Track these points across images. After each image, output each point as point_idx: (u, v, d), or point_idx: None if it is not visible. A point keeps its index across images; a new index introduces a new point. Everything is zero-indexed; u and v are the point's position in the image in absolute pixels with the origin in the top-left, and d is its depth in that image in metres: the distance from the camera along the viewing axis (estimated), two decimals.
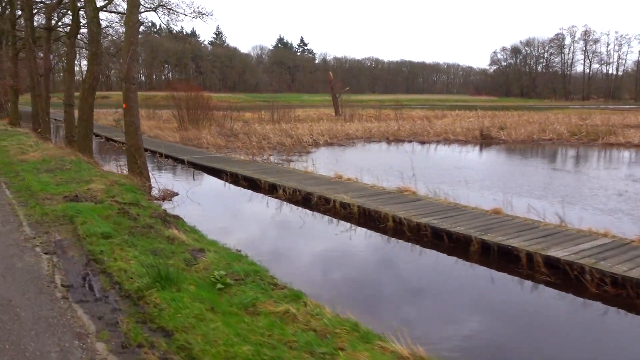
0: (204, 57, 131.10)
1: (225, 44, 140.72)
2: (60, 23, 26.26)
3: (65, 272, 5.53)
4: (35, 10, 25.20)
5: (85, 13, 14.39)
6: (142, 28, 27.58)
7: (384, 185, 11.43)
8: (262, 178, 12.17)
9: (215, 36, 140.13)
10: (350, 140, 24.12)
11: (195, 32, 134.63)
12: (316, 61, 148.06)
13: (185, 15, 16.23)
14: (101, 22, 16.82)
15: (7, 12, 34.85)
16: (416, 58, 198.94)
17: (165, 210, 8.91)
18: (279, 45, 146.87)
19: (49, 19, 23.16)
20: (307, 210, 10.13)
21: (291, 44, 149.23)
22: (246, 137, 23.22)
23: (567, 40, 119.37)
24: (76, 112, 16.87)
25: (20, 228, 7.13)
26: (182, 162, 15.94)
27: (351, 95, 50.80)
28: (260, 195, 11.65)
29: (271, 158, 17.55)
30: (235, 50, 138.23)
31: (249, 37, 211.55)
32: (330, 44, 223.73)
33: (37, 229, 7.15)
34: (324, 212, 9.78)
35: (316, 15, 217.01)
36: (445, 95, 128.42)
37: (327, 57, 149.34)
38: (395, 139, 24.89)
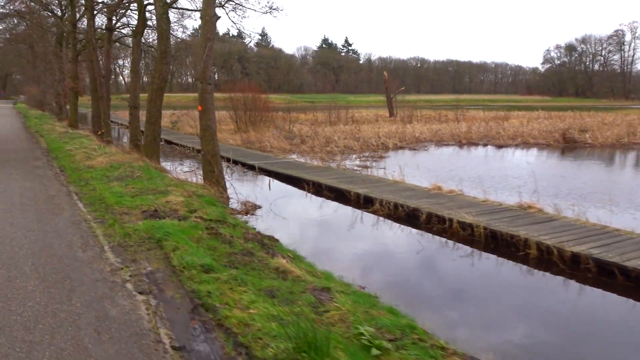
0: (250, 58, 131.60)
1: (270, 45, 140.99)
2: (119, 23, 25.77)
3: (171, 323, 4.28)
4: (96, 12, 24.75)
5: (155, 9, 13.42)
6: (189, 31, 26.69)
7: (498, 200, 9.84)
8: (351, 189, 10.81)
9: (260, 37, 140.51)
10: (420, 144, 22.50)
11: (241, 34, 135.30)
12: (360, 61, 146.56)
13: (255, 10, 15.09)
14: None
15: (66, 14, 34.94)
16: (463, 57, 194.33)
17: (259, 232, 7.64)
18: (324, 45, 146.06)
19: (110, 19, 22.57)
20: (414, 230, 8.69)
21: (335, 45, 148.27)
22: (309, 139, 21.98)
23: (628, 37, 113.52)
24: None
25: (103, 254, 5.99)
26: (251, 167, 14.79)
27: (406, 96, 48.93)
28: (350, 208, 10.29)
29: (345, 163, 16.20)
30: (280, 51, 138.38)
31: (294, 38, 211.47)
32: (374, 44, 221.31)
33: (121, 255, 5.99)
34: (437, 233, 8.30)
35: (361, 16, 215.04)
36: (494, 95, 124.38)
37: (372, 57, 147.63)
38: (468, 142, 23.10)
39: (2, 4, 51.63)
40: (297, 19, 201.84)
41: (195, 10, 15.88)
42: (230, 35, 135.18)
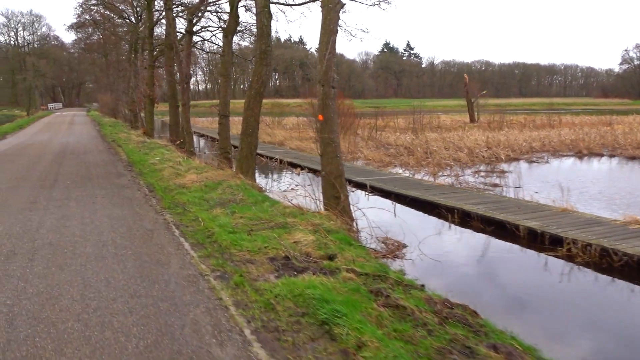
0: (311, 64, 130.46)
1: None
2: (197, 26, 24.29)
3: None
4: (175, 15, 23.35)
5: (255, 3, 11.42)
6: (247, 40, 24.66)
7: None
8: (516, 221, 8.26)
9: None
10: (533, 154, 19.52)
11: (302, 40, 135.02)
12: (423, 65, 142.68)
13: (361, 3, 12.82)
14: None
15: (141, 20, 34.19)
16: (530, 59, 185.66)
17: (447, 300, 5.25)
18: (385, 50, 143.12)
19: (190, 21, 21.04)
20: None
21: (397, 49, 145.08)
22: (405, 150, 19.52)
23: None
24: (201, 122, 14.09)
25: (250, 350, 3.82)
26: (357, 185, 12.50)
27: (489, 100, 45.48)
28: (521, 248, 7.77)
29: (466, 179, 13.64)
30: (341, 56, 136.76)
31: (355, 44, 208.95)
32: (437, 47, 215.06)
33: (278, 352, 3.80)
34: None
35: (423, 19, 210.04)
36: (567, 99, 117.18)
37: (435, 61, 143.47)
38: (589, 152, 19.89)
39: (78, 13, 52.24)
40: (358, 24, 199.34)
41: (307, 2, 13.72)
42: (292, 41, 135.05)
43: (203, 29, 24.17)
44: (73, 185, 10.56)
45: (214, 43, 30.68)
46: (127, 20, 39.09)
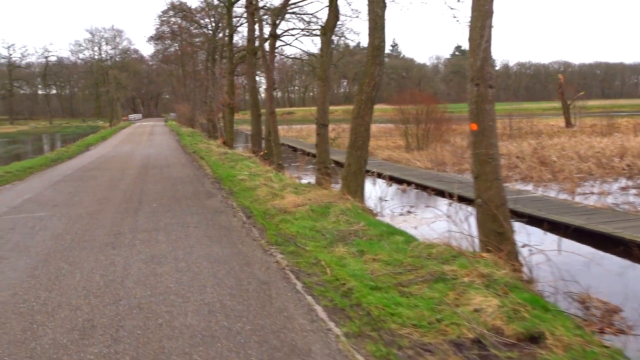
0: (388, 66, 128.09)
1: (401, 56, 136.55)
2: (280, 30, 22.78)
3: None
4: (256, 19, 21.96)
5: None
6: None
7: None
8: None
9: (391, 48, 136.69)
10: None
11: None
12: (497, 67, 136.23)
13: None
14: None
15: (219, 29, 33.41)
16: (613, 59, 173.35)
17: None
18: (457, 53, 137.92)
19: (274, 24, 19.53)
20: None
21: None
22: (518, 159, 16.91)
23: None
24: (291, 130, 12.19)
25: None
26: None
27: (587, 102, 41.28)
28: None
29: (619, 198, 10.99)
30: (411, 61, 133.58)
31: (425, 48, 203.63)
32: (512, 49, 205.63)
33: None
34: None
35: (496, 21, 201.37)
36: None
37: (509, 64, 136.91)
38: None
39: (157, 25, 52.83)
40: (428, 28, 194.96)
41: None
42: (360, 46, 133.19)
43: (286, 33, 22.64)
44: (160, 209, 9.01)
45: (296, 47, 29.23)
46: (205, 30, 38.67)
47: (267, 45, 18.79)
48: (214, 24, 34.88)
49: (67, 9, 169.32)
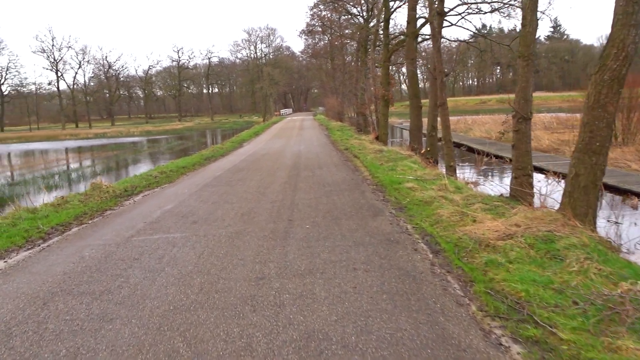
0: (539, 53, 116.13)
1: (565, 37, 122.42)
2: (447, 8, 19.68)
3: None
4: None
5: None
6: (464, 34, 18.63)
7: None
8: None
9: (552, 30, 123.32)
10: None
11: None
12: None
13: None
14: None
15: (371, 16, 31.17)
16: None
17: None
18: None
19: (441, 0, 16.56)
20: None
21: None
22: None
23: None
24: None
25: None
26: None
27: None
28: None
29: None
30: (576, 42, 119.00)
31: (593, 26, 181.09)
32: None
33: None
34: None
35: None
36: None
37: None
38: None
39: (307, 21, 52.46)
40: (596, 3, 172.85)
41: None
42: (516, 30, 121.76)
43: (453, 11, 19.48)
44: (314, 233, 6.85)
45: (462, 27, 25.69)
46: (357, 19, 36.82)
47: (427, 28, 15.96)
48: (366, 12, 32.80)
49: (229, 13, 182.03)
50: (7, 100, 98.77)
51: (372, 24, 29.80)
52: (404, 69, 45.95)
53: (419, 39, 19.30)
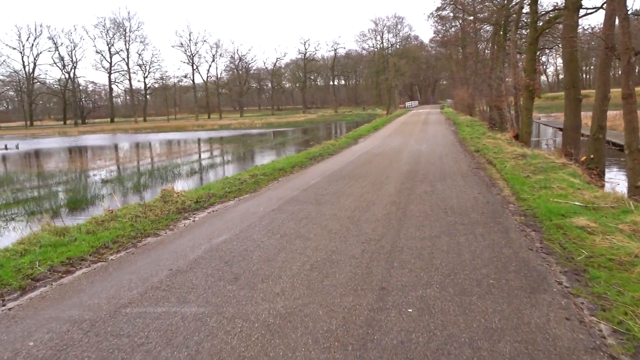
0: None
1: None
2: None
3: None
4: None
5: None
6: None
7: None
8: None
9: None
10: None
11: None
12: None
13: None
14: None
15: None
16: None
17: None
18: None
19: None
20: None
21: None
22: None
23: None
24: None
25: None
26: None
27: None
28: None
29: None
30: None
31: None
32: None
33: None
34: None
35: None
36: None
37: None
38: None
39: (438, 6, 48.15)
40: None
41: None
42: None
43: None
44: (421, 338, 3.73)
45: None
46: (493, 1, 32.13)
47: None
48: None
49: (356, 2, 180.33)
50: (150, 93, 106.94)
51: (514, 1, 25.09)
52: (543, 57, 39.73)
53: (580, 12, 14.81)
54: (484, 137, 22.27)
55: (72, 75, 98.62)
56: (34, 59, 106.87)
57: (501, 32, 28.10)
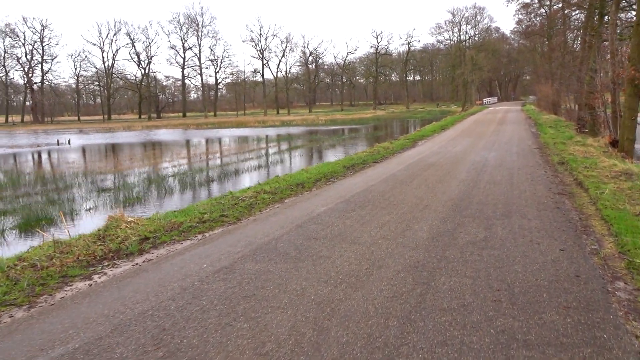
0: None
1: None
2: None
3: None
4: None
5: None
6: None
7: None
8: None
9: None
10: None
11: None
12: None
13: None
14: None
15: None
16: None
17: None
18: None
19: None
20: None
21: None
22: None
23: None
24: None
25: None
26: None
27: None
28: None
29: None
30: None
31: None
32: None
33: None
34: None
35: None
36: None
37: None
38: None
39: (518, 8, 43.14)
40: None
41: None
42: None
43: None
44: None
45: None
46: None
47: None
48: None
49: None
50: (222, 87, 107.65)
51: None
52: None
53: None
54: (571, 142, 17.98)
55: (147, 70, 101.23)
56: (113, 54, 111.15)
57: (597, 16, 23.28)
